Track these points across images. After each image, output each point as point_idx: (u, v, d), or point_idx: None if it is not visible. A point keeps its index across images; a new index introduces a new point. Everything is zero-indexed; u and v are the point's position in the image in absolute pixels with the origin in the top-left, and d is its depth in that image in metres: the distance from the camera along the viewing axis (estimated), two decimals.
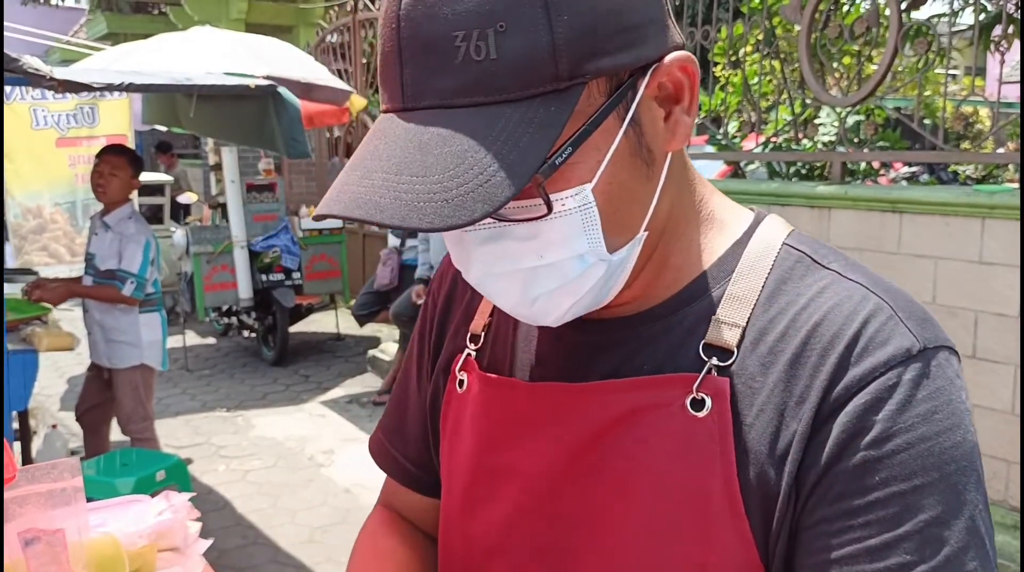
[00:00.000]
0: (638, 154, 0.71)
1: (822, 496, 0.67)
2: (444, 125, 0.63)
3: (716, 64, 5.23)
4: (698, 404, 0.71)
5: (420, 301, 5.76)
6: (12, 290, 4.72)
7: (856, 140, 4.73)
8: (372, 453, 1.07)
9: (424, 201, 0.60)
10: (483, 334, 0.89)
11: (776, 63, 5.11)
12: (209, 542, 1.40)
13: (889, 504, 0.65)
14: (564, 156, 0.65)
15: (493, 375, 0.85)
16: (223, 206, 7.37)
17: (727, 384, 0.71)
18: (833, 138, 4.68)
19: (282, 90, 4.18)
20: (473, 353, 0.88)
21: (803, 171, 5.02)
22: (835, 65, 5.07)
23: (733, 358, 0.72)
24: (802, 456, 0.68)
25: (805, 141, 4.77)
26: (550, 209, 0.65)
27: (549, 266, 0.68)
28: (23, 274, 5.11)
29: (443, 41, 0.62)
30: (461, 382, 0.88)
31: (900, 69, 6.06)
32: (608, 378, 0.76)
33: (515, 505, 0.80)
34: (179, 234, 7.38)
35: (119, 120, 7.10)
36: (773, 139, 4.85)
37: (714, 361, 0.71)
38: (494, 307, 0.89)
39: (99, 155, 4.20)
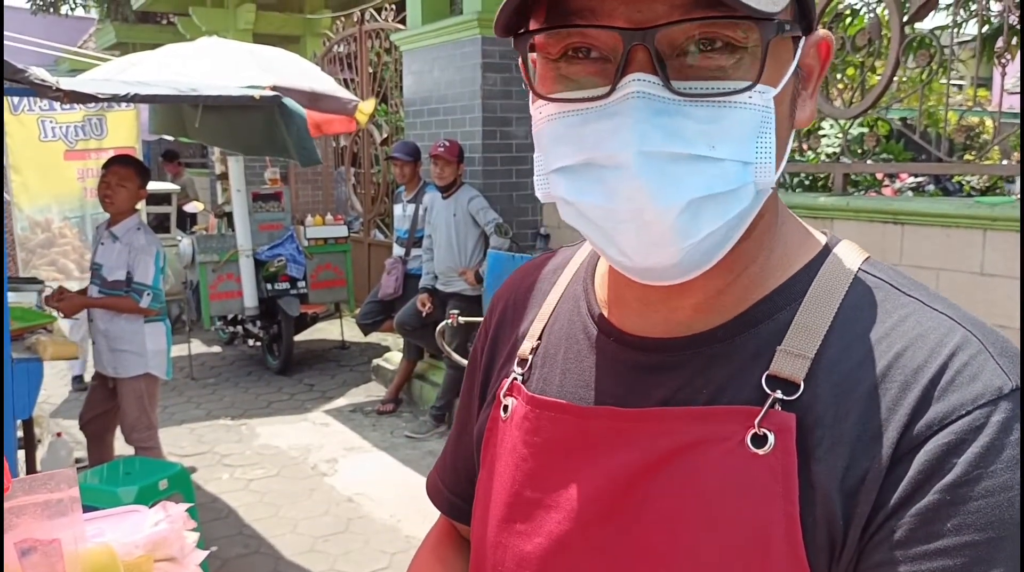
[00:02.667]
0: (791, 107, 0.70)
1: (886, 538, 0.62)
2: None
3: None
4: (759, 440, 0.66)
5: (425, 309, 5.77)
6: (18, 299, 4.75)
7: (859, 151, 4.74)
8: (427, 491, 1.06)
9: None
10: (530, 358, 0.85)
11: None
12: (206, 552, 1.41)
13: (958, 554, 0.59)
14: (785, 30, 0.64)
15: (541, 397, 0.80)
16: (229, 215, 7.40)
17: (793, 420, 0.65)
18: (836, 149, 4.69)
19: (287, 101, 4.21)
20: (520, 377, 0.84)
21: (806, 182, 5.03)
22: (838, 76, 5.08)
23: (799, 391, 0.66)
24: (875, 496, 0.62)
25: (808, 152, 4.78)
26: (759, 76, 0.63)
27: (714, 162, 0.63)
28: (29, 283, 5.13)
29: None
30: (506, 408, 0.83)
31: (904, 80, 6.06)
32: (664, 404, 0.72)
33: (553, 539, 0.75)
34: (185, 243, 7.41)
35: (127, 132, 7.11)
36: None
37: (778, 394, 0.66)
38: (543, 330, 0.86)
39: (106, 166, 4.22)
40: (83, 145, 6.93)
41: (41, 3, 16.64)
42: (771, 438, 0.65)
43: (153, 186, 7.51)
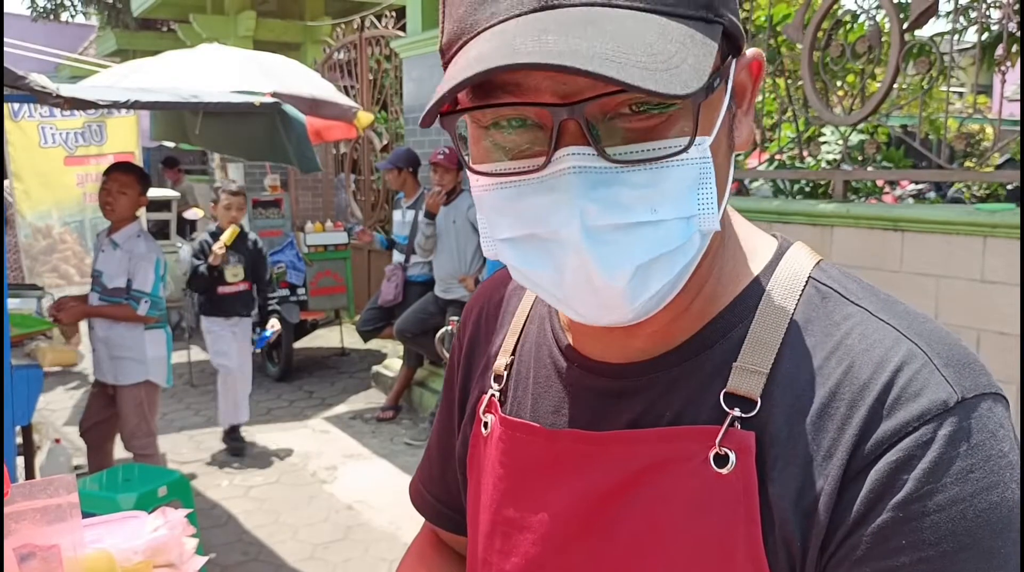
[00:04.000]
0: (728, 137, 0.69)
1: (844, 558, 0.63)
2: (610, 15, 0.59)
3: None
4: (721, 460, 0.66)
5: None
6: (18, 305, 4.74)
7: (859, 158, 4.74)
8: (412, 501, 1.07)
9: (627, 63, 0.55)
10: (505, 374, 0.86)
11: (780, 81, 5.12)
12: (205, 559, 1.40)
13: (915, 569, 0.60)
14: (715, 86, 0.63)
15: (514, 418, 0.81)
16: None
17: (752, 438, 0.66)
18: (836, 156, 4.69)
19: (287, 107, 4.21)
20: (496, 394, 0.85)
21: (807, 189, 5.02)
22: (839, 83, 5.08)
23: (756, 408, 0.67)
24: (830, 516, 0.63)
25: (809, 159, 4.77)
26: (694, 135, 0.61)
27: (657, 225, 0.62)
28: (29, 289, 5.12)
29: None
30: (486, 424, 0.85)
31: (904, 87, 6.07)
32: (629, 427, 0.72)
33: (529, 560, 0.77)
34: (185, 250, 7.40)
35: (127, 138, 7.10)
36: (777, 157, 4.85)
37: (736, 412, 0.67)
38: (516, 345, 0.87)
39: (107, 173, 4.23)
40: (83, 151, 6.92)
41: (42, 10, 16.68)
42: (732, 457, 0.66)
43: (153, 193, 7.49)
